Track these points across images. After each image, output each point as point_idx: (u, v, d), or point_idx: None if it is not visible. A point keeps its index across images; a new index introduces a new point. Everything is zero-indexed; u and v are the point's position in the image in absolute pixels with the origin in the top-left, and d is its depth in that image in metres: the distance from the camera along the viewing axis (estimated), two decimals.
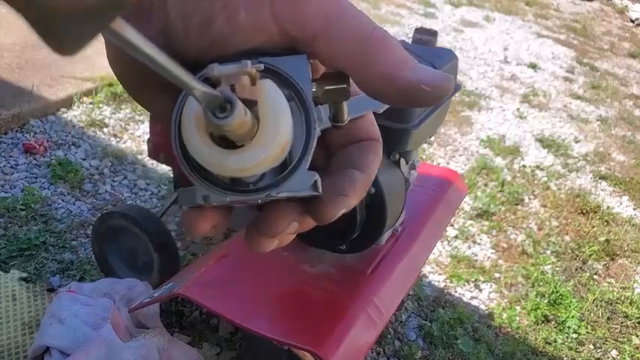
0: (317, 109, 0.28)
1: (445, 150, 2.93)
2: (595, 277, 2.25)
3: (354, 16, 0.26)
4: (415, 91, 0.25)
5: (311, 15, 0.26)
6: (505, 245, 2.31)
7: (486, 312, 1.96)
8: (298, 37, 0.26)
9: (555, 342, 1.89)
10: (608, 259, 2.37)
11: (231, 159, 0.24)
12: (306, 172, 0.27)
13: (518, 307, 2.01)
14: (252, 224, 0.28)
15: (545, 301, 2.04)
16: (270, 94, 0.25)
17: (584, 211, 2.64)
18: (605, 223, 2.59)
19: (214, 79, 0.24)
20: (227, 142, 0.25)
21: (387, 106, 0.30)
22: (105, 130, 2.43)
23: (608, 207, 2.73)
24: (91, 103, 2.55)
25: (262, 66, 0.25)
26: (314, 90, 0.27)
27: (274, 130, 0.24)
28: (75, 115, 2.46)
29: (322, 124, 0.30)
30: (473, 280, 2.08)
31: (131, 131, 2.46)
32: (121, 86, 2.67)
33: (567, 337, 1.92)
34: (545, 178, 2.86)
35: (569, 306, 2.02)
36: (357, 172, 0.29)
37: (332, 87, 0.28)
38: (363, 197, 0.29)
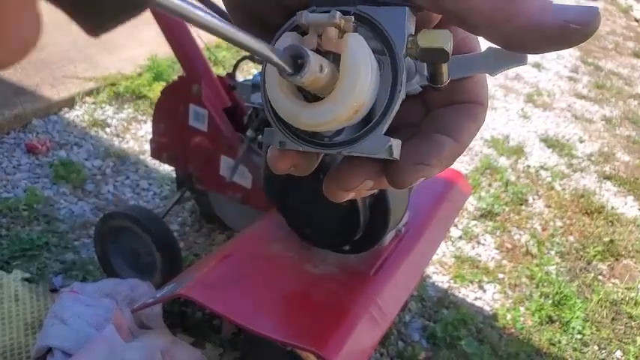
0: (412, 66, 0.26)
1: None
2: (599, 277, 2.24)
3: None
4: (564, 33, 0.23)
5: None
6: (509, 246, 2.30)
7: (490, 313, 1.95)
8: None
9: (559, 343, 1.88)
10: (612, 259, 2.36)
11: (304, 113, 0.24)
12: (381, 137, 0.25)
13: (522, 308, 2.00)
14: (331, 173, 0.28)
15: (550, 301, 2.03)
16: (353, 51, 0.24)
17: (589, 211, 2.63)
18: (610, 224, 2.58)
19: (304, 27, 0.24)
20: (308, 94, 0.25)
21: (500, 71, 0.27)
22: (107, 130, 2.42)
23: (612, 207, 2.71)
24: (93, 102, 2.55)
25: (352, 18, 0.24)
26: (410, 47, 0.25)
27: (349, 90, 0.23)
28: (77, 115, 2.46)
29: (412, 87, 0.28)
30: (477, 280, 2.07)
31: (133, 131, 2.46)
32: (123, 86, 2.67)
33: (572, 338, 1.91)
34: (549, 179, 2.85)
35: (574, 307, 2.01)
36: (446, 138, 0.27)
37: (427, 47, 0.25)
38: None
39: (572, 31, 0.23)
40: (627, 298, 2.14)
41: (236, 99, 1.59)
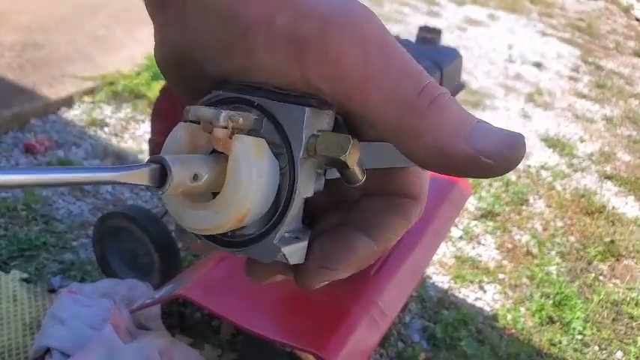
0: (318, 165, 0.24)
1: None
2: (600, 277, 2.23)
3: (400, 72, 0.21)
4: (473, 164, 0.21)
5: (346, 71, 0.21)
6: (510, 246, 2.30)
7: (491, 313, 1.94)
8: (327, 93, 0.22)
9: (560, 343, 1.87)
10: (613, 259, 2.35)
11: (188, 215, 0.23)
12: (272, 245, 0.24)
13: (522, 308, 1.99)
14: (246, 263, 0.27)
15: (550, 302, 2.03)
16: (238, 158, 0.22)
17: (590, 211, 2.62)
18: (611, 224, 2.57)
19: (193, 120, 0.23)
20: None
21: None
22: (105, 129, 2.42)
23: (613, 207, 2.70)
24: (91, 102, 2.55)
25: (241, 121, 0.23)
26: (309, 150, 0.23)
27: (231, 200, 0.22)
28: (75, 114, 2.45)
29: (320, 185, 0.25)
30: (477, 281, 2.06)
31: (132, 131, 2.45)
32: (121, 85, 2.67)
33: (572, 339, 1.90)
34: (550, 178, 2.84)
35: (574, 307, 2.00)
36: (362, 239, 0.25)
37: (325, 155, 0.23)
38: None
39: (484, 165, 0.21)
40: (628, 299, 2.13)
41: None
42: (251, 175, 0.22)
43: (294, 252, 0.24)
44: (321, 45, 0.21)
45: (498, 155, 0.21)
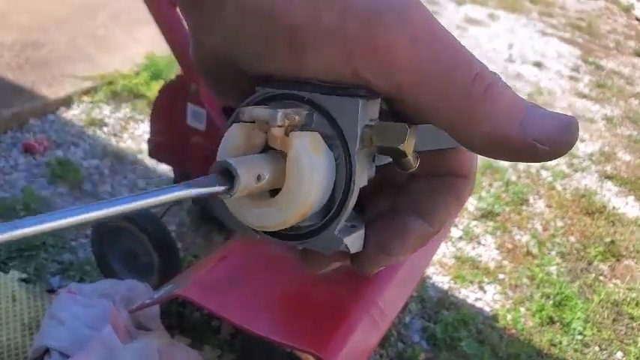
0: (373, 154, 0.24)
1: None
2: (600, 278, 2.23)
3: (452, 60, 0.21)
4: (529, 151, 0.21)
5: (397, 64, 0.21)
6: (510, 246, 2.29)
7: (491, 313, 1.94)
8: (379, 86, 0.22)
9: (560, 344, 1.87)
10: (613, 260, 2.35)
11: (251, 213, 0.24)
12: (333, 236, 0.24)
13: (522, 309, 1.99)
14: (302, 253, 0.27)
15: (550, 302, 2.02)
16: (297, 156, 0.23)
17: (590, 211, 2.62)
18: (611, 224, 2.57)
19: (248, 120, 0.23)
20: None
21: None
22: (104, 129, 2.41)
23: (613, 207, 2.70)
24: (90, 102, 2.54)
25: (297, 118, 0.23)
26: (365, 140, 0.23)
27: (293, 197, 0.23)
28: (74, 114, 2.45)
29: (373, 172, 0.26)
30: (477, 281, 2.06)
31: (131, 130, 2.45)
32: (120, 85, 2.67)
33: (572, 339, 1.90)
34: (550, 178, 2.84)
35: (575, 307, 2.00)
36: (416, 222, 0.25)
37: (381, 145, 0.23)
38: None
39: (539, 152, 0.21)
40: (628, 299, 2.13)
41: None
42: (312, 170, 0.23)
43: (354, 241, 0.25)
44: (370, 40, 0.21)
45: (553, 141, 0.21)
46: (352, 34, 0.21)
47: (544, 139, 0.21)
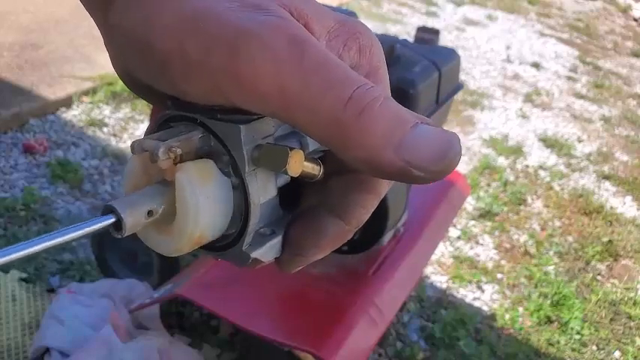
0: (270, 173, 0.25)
1: None
2: (598, 277, 2.24)
3: (321, 85, 0.20)
4: (403, 175, 0.20)
5: (264, 94, 0.21)
6: (508, 246, 2.30)
7: (489, 313, 1.94)
8: (257, 112, 0.22)
9: (558, 343, 1.87)
10: (611, 259, 2.35)
11: (152, 239, 0.25)
12: (242, 252, 0.24)
13: (520, 308, 1.99)
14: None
15: (548, 301, 2.03)
16: (182, 189, 0.23)
17: (588, 211, 2.63)
18: (609, 224, 2.58)
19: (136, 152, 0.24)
20: None
21: None
22: (104, 129, 2.42)
23: (611, 207, 2.71)
24: (90, 102, 2.55)
25: (179, 151, 0.23)
26: (255, 161, 0.24)
27: (182, 228, 0.23)
28: (74, 114, 2.45)
29: (285, 180, 0.26)
30: (475, 280, 2.07)
31: (131, 131, 2.45)
32: (120, 85, 2.66)
33: (570, 338, 1.90)
34: (548, 178, 2.85)
35: (572, 307, 2.01)
36: (332, 221, 0.25)
37: (269, 169, 0.24)
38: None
39: (415, 176, 0.20)
40: (626, 298, 2.14)
41: None
42: (197, 202, 0.23)
43: (267, 251, 0.25)
44: (234, 72, 0.21)
45: (428, 167, 0.20)
46: (216, 65, 0.21)
47: (419, 165, 0.20)
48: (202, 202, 0.23)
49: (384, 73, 0.25)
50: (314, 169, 0.25)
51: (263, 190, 0.24)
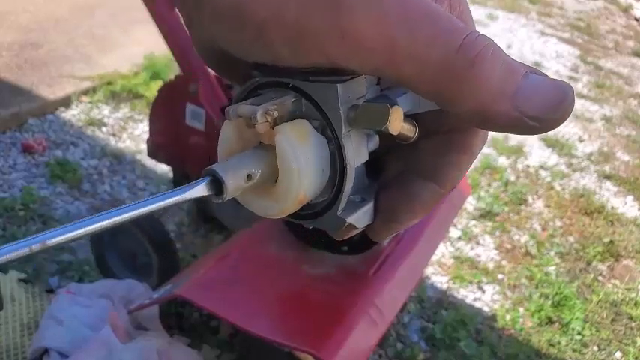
0: (365, 134, 0.25)
1: None
2: (599, 278, 2.23)
3: (429, 34, 0.19)
4: (518, 126, 0.20)
5: (369, 47, 0.20)
6: (508, 246, 2.29)
7: (489, 313, 1.94)
8: (358, 70, 0.21)
9: (559, 344, 1.87)
10: (612, 259, 2.35)
11: (255, 204, 0.25)
12: (336, 217, 0.24)
13: (521, 309, 1.99)
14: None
15: (549, 302, 2.02)
16: (282, 150, 0.23)
17: (589, 211, 2.62)
18: (610, 224, 2.57)
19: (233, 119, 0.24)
20: None
21: None
22: (104, 129, 2.41)
23: (612, 207, 2.70)
24: (89, 102, 2.54)
25: (276, 114, 0.23)
26: (352, 122, 0.24)
27: (286, 189, 0.24)
28: (74, 114, 2.45)
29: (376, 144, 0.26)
30: (476, 281, 2.06)
31: (130, 130, 2.45)
32: (119, 85, 2.66)
33: (571, 339, 1.90)
34: (549, 178, 2.84)
35: (573, 307, 2.00)
36: (426, 185, 0.24)
37: (366, 128, 0.23)
38: None
39: (529, 127, 0.20)
40: (627, 299, 2.13)
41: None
42: (299, 162, 0.23)
43: (361, 217, 0.25)
44: (336, 28, 0.20)
45: (543, 117, 0.20)
46: (317, 24, 0.20)
47: (535, 115, 0.20)
48: (303, 162, 0.23)
49: (474, 27, 0.24)
50: (410, 130, 0.24)
51: (357, 154, 0.24)
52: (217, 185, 0.22)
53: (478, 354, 1.72)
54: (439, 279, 2.03)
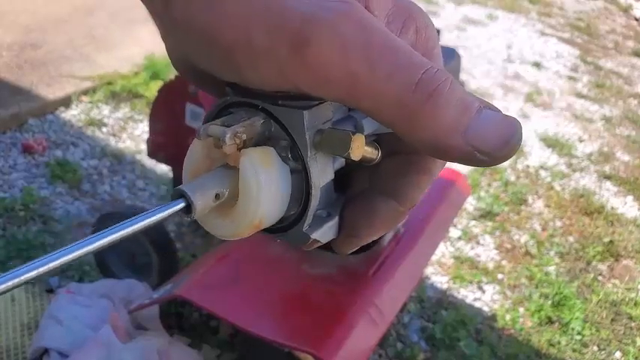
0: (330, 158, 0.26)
1: None
2: (599, 278, 2.23)
3: (389, 69, 0.20)
4: (468, 159, 0.21)
5: (331, 79, 0.21)
6: (508, 246, 2.29)
7: (489, 313, 1.94)
8: (322, 97, 0.22)
9: (559, 344, 1.87)
10: (612, 259, 2.35)
11: (212, 222, 0.25)
12: (302, 233, 0.25)
13: (521, 309, 1.99)
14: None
15: (549, 302, 2.02)
16: (245, 174, 0.24)
17: (589, 211, 2.62)
18: (610, 224, 2.57)
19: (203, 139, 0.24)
20: None
21: None
22: (103, 129, 2.41)
23: (612, 207, 2.70)
24: (89, 102, 2.54)
25: (244, 137, 0.24)
26: (317, 146, 0.24)
27: (243, 212, 0.24)
28: (73, 114, 2.44)
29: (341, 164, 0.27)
30: (476, 281, 2.06)
31: (130, 130, 2.45)
32: (119, 85, 2.66)
33: (571, 339, 1.90)
34: (549, 178, 2.84)
35: (573, 307, 2.00)
36: (385, 201, 0.25)
37: (330, 153, 0.24)
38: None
39: (478, 160, 0.21)
40: (627, 299, 2.13)
41: None
42: (260, 187, 0.24)
43: (326, 232, 0.26)
44: (301, 59, 0.21)
45: (492, 152, 0.21)
46: (282, 52, 0.21)
47: (485, 150, 0.21)
48: (264, 188, 0.24)
49: (439, 55, 0.25)
50: (372, 152, 0.25)
51: (323, 174, 0.25)
52: (188, 204, 0.23)
53: (478, 354, 1.72)
54: (439, 279, 2.03)
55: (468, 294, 2.00)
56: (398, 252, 1.32)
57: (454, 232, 2.28)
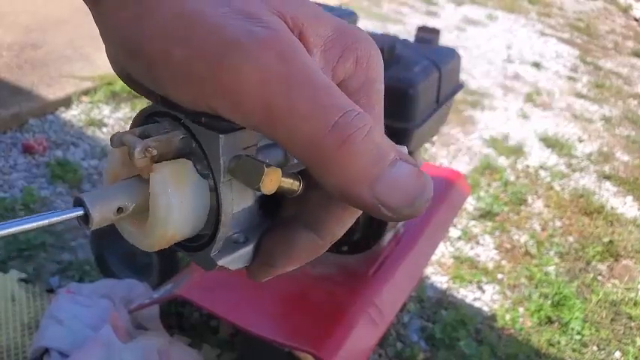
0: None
1: (448, 150, 2.91)
2: (599, 278, 2.23)
3: (306, 107, 0.20)
4: (374, 212, 0.20)
5: (246, 104, 0.20)
6: (508, 246, 2.30)
7: (489, 313, 1.94)
8: (238, 122, 0.21)
9: (559, 343, 1.87)
10: (612, 259, 2.35)
11: (126, 230, 0.25)
12: (209, 258, 0.24)
13: (521, 309, 1.99)
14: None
15: (549, 302, 2.02)
16: (154, 189, 0.23)
17: (588, 211, 2.62)
18: (609, 224, 2.57)
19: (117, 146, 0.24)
20: None
21: None
22: (104, 129, 2.41)
23: (612, 207, 2.70)
24: (89, 102, 2.54)
25: (155, 152, 0.23)
26: (231, 173, 0.23)
27: (154, 227, 0.23)
28: (74, 114, 2.45)
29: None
30: (476, 281, 2.06)
31: None
32: (119, 85, 2.67)
33: (571, 339, 1.90)
34: (548, 178, 2.84)
35: (573, 307, 2.00)
36: (305, 234, 0.24)
37: (244, 184, 0.23)
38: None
39: (383, 214, 0.20)
40: (627, 299, 2.14)
41: None
42: (170, 204, 0.23)
43: (235, 260, 0.25)
44: (218, 82, 0.20)
45: (397, 210, 0.20)
46: (201, 74, 0.20)
47: (389, 206, 0.20)
48: (175, 205, 0.23)
49: (379, 87, 0.24)
50: (293, 184, 0.24)
51: (238, 200, 0.24)
52: (85, 214, 0.22)
53: (478, 354, 1.72)
54: (439, 279, 2.03)
55: (467, 294, 2.00)
56: (398, 252, 1.33)
57: (454, 232, 2.28)
